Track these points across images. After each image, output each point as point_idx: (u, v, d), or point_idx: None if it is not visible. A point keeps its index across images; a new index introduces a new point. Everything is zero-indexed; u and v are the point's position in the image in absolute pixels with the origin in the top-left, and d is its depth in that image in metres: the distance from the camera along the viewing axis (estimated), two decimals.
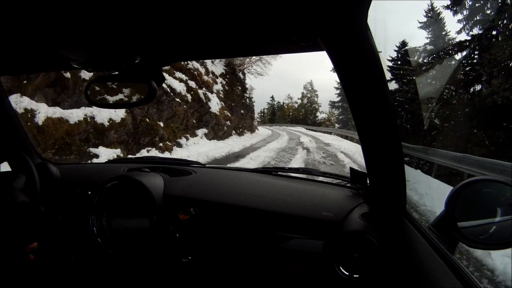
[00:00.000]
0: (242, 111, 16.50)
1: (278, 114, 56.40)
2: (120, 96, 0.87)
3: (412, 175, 5.66)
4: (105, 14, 0.49)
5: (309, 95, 52.86)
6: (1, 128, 1.10)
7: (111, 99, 0.74)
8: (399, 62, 16.36)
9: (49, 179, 1.09)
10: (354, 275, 0.73)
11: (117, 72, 0.69)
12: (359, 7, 0.46)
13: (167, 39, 0.62)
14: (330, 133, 22.48)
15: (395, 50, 16.97)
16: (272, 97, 59.02)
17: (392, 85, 16.13)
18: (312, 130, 28.53)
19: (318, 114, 50.92)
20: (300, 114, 52.01)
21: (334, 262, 0.75)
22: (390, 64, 16.74)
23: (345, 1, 0.44)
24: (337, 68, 0.58)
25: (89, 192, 1.01)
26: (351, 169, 0.99)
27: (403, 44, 16.74)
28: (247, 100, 18.82)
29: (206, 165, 1.34)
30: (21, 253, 0.71)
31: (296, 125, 39.85)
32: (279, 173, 1.18)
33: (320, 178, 1.23)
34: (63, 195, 1.08)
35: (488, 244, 0.66)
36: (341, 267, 0.74)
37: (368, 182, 0.92)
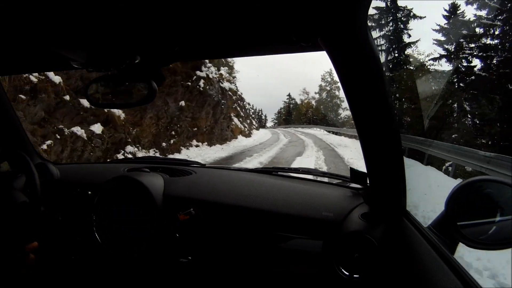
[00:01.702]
0: (192, 103, 9.73)
1: (294, 114, 50.33)
2: None
3: None
4: (105, 14, 0.49)
5: (328, 88, 42.01)
6: (1, 128, 1.10)
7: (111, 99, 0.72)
8: (454, 29, 11.50)
9: (49, 179, 1.09)
10: (354, 275, 0.73)
11: (117, 72, 0.69)
12: (359, 7, 0.46)
13: (167, 39, 0.63)
14: (356, 137, 17.11)
15: (444, 16, 12.39)
16: (289, 95, 52.65)
17: (444, 66, 11.84)
18: (333, 133, 20.59)
19: (340, 111, 40.37)
20: (319, 112, 42.74)
21: (334, 262, 0.75)
22: (439, 36, 12.09)
23: (345, 1, 0.44)
24: (337, 68, 0.58)
25: (89, 192, 1.01)
26: (351, 169, 0.99)
27: (454, 6, 12.20)
28: (205, 85, 10.19)
29: (206, 165, 1.34)
30: (21, 253, 0.71)
31: (313, 126, 32.47)
32: (279, 173, 1.18)
33: (320, 178, 1.23)
34: (63, 195, 1.08)
35: (488, 244, 0.66)
36: (341, 267, 0.74)
37: (368, 182, 0.92)
